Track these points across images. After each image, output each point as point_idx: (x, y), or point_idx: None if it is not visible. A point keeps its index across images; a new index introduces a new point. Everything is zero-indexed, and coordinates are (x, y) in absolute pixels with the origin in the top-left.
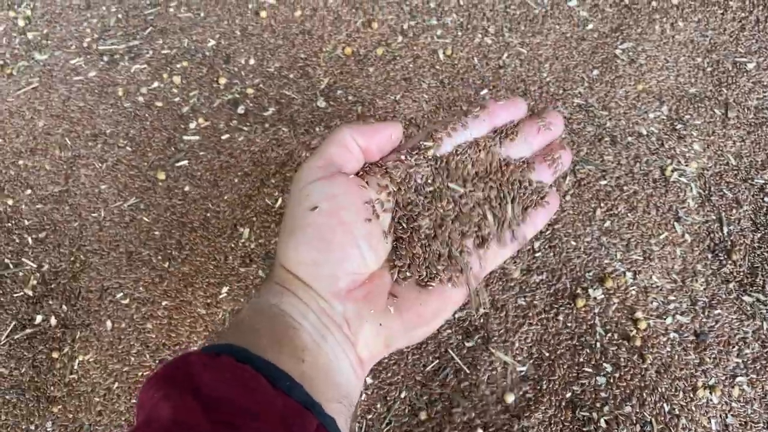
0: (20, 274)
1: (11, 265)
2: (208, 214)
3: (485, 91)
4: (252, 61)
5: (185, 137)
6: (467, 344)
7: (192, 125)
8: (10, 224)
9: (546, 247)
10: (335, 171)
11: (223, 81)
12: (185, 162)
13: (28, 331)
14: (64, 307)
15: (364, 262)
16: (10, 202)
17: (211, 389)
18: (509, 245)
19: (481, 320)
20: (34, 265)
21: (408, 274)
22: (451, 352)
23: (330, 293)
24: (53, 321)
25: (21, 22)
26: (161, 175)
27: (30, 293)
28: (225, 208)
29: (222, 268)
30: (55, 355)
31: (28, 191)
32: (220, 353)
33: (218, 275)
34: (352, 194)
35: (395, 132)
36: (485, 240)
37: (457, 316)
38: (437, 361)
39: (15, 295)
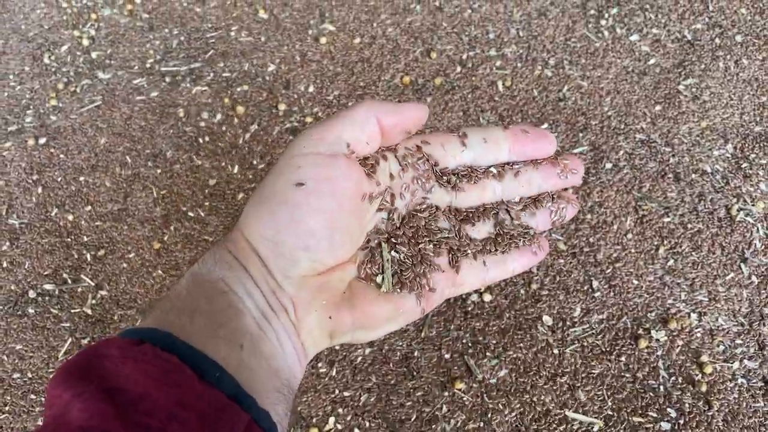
0: (78, 290)
1: (69, 281)
2: None
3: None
4: (311, 89)
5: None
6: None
7: (251, 155)
8: (69, 239)
9: (605, 286)
10: (339, 151)
11: (282, 107)
12: (241, 194)
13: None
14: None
15: (332, 254)
16: (70, 217)
17: (129, 385)
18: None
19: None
20: (93, 283)
21: (376, 273)
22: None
23: (284, 275)
24: None
25: (85, 42)
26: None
27: (89, 312)
28: None
29: None
30: None
31: (88, 207)
32: (143, 340)
33: None
34: (349, 183)
35: (421, 115)
36: (456, 260)
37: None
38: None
39: (73, 311)
